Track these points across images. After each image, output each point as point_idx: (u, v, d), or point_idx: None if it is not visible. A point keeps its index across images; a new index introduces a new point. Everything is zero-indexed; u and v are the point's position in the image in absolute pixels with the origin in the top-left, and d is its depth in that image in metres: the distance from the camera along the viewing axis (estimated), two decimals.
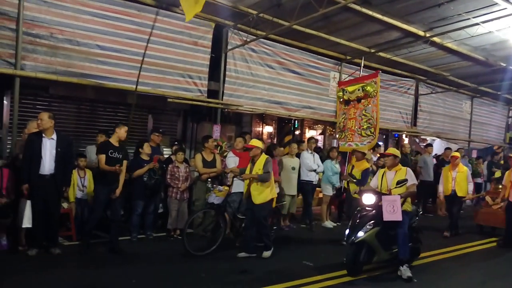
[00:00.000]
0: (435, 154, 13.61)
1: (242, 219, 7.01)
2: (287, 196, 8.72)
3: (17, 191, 6.13)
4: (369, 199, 6.11)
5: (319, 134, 13.93)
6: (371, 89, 7.79)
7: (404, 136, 15.99)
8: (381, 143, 13.42)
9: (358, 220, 5.99)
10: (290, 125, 12.84)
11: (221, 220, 6.98)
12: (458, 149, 12.54)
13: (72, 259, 6.02)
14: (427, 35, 9.97)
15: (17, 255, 5.99)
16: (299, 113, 11.46)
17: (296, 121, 12.85)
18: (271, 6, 8.53)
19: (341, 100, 8.51)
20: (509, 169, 8.74)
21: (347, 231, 6.01)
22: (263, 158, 6.65)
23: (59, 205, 6.38)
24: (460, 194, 9.02)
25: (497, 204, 9.43)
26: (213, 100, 9.69)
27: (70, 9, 7.67)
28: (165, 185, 7.63)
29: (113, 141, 6.51)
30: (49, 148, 6.00)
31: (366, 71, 9.25)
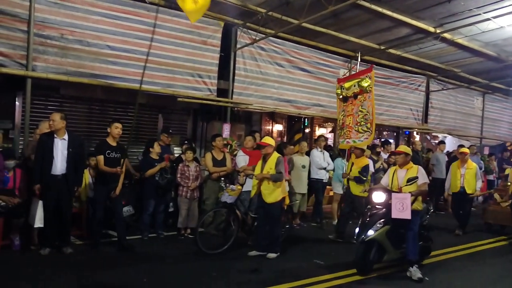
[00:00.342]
0: (447, 151, 13.49)
1: (254, 218, 7.00)
2: (297, 194, 8.72)
3: (30, 191, 6.20)
4: (379, 197, 6.04)
5: (329, 132, 13.86)
6: (366, 84, 7.66)
7: (415, 133, 15.86)
8: (391, 141, 13.35)
9: (368, 218, 5.93)
10: (300, 123, 12.80)
11: (234, 219, 6.99)
12: (470, 146, 12.46)
13: (84, 258, 6.07)
14: (438, 31, 9.87)
15: (30, 254, 6.06)
16: (309, 111, 11.42)
17: (306, 119, 12.81)
18: (280, 4, 8.53)
19: (340, 97, 8.41)
20: None
21: (357, 229, 5.97)
22: (274, 157, 6.64)
23: (70, 204, 6.43)
24: (469, 191, 8.89)
25: (505, 201, 9.26)
26: (222, 99, 9.72)
27: (80, 10, 7.74)
28: (175, 184, 7.66)
29: (109, 141, 6.51)
30: (60, 148, 6.04)
31: (376, 68, 9.16)
